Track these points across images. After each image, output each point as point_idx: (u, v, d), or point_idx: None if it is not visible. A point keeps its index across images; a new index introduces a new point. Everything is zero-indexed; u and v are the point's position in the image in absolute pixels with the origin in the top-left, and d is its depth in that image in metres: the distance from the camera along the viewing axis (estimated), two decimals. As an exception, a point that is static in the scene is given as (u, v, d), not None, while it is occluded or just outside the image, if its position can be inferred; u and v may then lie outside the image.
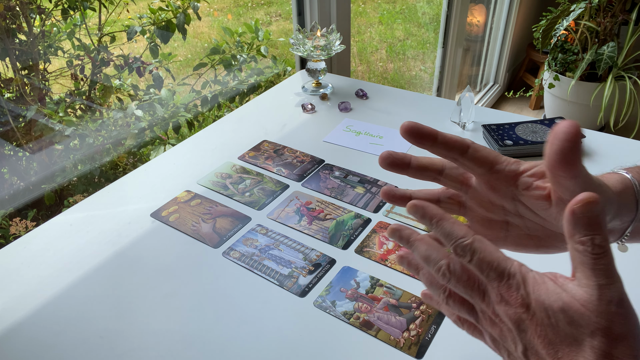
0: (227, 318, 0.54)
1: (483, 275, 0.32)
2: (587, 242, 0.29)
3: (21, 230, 1.17)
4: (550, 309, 0.30)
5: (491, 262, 0.32)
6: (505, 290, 0.32)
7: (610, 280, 0.30)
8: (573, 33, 2.19)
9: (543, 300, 0.30)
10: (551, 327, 0.30)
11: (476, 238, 0.32)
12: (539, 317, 0.30)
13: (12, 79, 1.23)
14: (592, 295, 0.29)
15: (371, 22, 2.84)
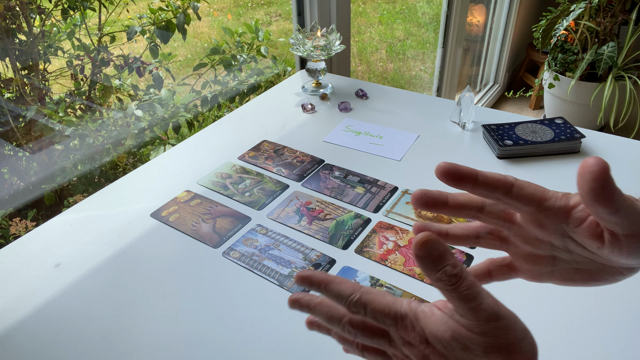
0: (227, 318, 0.54)
1: (380, 324, 0.33)
2: (442, 277, 0.30)
3: (21, 230, 1.17)
4: (443, 339, 0.31)
5: (382, 310, 0.33)
6: (403, 332, 0.32)
7: (478, 301, 0.30)
8: (573, 33, 2.19)
9: (435, 332, 0.31)
10: (451, 356, 0.31)
11: (362, 291, 0.33)
12: (439, 349, 0.31)
13: (12, 79, 1.23)
14: (471, 319, 0.30)
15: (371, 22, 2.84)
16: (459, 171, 0.34)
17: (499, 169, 0.78)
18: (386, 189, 0.74)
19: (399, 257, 0.61)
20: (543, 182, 0.74)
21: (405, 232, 0.66)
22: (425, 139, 0.87)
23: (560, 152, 0.81)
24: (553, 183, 0.74)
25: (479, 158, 0.81)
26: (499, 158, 0.80)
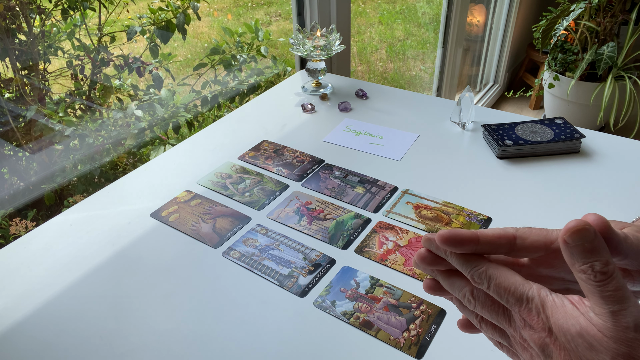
0: (227, 318, 0.54)
1: (503, 301, 0.32)
2: (587, 270, 0.29)
3: (21, 230, 1.17)
4: (569, 333, 0.30)
5: (508, 287, 0.32)
6: (526, 315, 0.31)
7: (623, 306, 0.29)
8: (573, 33, 2.19)
9: (561, 324, 0.30)
10: (573, 352, 0.30)
11: (490, 265, 0.32)
12: (561, 342, 0.30)
13: (12, 79, 1.23)
14: (607, 322, 0.29)
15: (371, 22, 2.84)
16: (460, 237, 0.34)
17: (499, 169, 0.78)
18: (386, 189, 0.74)
19: (399, 257, 0.61)
20: (543, 182, 0.74)
21: (405, 232, 0.66)
22: (425, 139, 0.87)
23: (560, 152, 0.81)
24: (553, 183, 0.74)
25: (479, 158, 0.81)
26: (499, 158, 0.80)
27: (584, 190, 0.72)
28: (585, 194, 0.71)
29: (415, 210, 0.70)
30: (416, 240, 0.64)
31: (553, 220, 0.66)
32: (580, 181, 0.74)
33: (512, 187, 0.74)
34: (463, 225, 0.66)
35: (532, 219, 0.67)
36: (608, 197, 0.71)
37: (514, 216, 0.68)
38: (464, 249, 0.34)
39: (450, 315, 0.54)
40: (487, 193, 0.72)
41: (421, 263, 0.35)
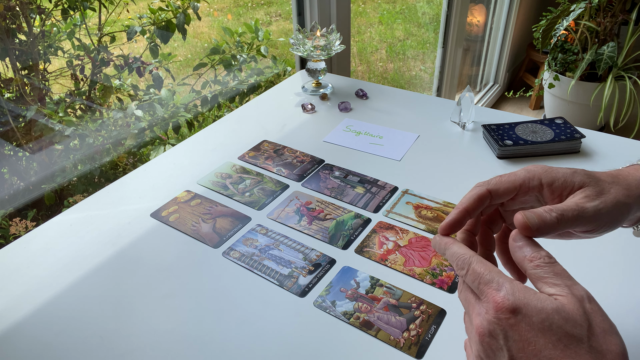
0: (227, 318, 0.54)
1: (474, 285, 0.35)
2: (536, 257, 0.34)
3: (21, 230, 1.17)
4: (544, 311, 0.31)
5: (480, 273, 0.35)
6: (492, 298, 0.33)
7: (573, 281, 0.33)
8: (573, 33, 2.19)
9: (535, 304, 0.32)
10: (543, 332, 0.31)
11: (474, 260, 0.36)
12: (530, 322, 0.31)
13: (12, 79, 1.23)
14: (567, 295, 0.32)
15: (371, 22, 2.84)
16: (452, 223, 0.40)
17: (499, 169, 0.78)
18: (386, 189, 0.74)
19: (399, 257, 0.61)
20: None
21: (405, 232, 0.66)
22: (425, 139, 0.87)
23: (560, 152, 0.81)
24: (553, 183, 0.74)
25: (479, 158, 0.81)
26: (499, 158, 0.80)
27: (584, 190, 0.72)
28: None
29: (416, 210, 0.70)
30: (416, 240, 0.64)
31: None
32: (580, 181, 0.74)
33: (512, 187, 0.74)
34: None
35: (532, 219, 0.67)
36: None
37: (514, 216, 0.68)
38: (461, 227, 0.40)
39: (450, 315, 0.54)
40: (487, 193, 0.72)
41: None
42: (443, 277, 0.58)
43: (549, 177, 0.40)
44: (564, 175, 0.40)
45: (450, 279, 0.58)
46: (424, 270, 0.59)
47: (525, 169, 0.42)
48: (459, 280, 0.39)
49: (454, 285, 0.57)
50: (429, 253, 0.62)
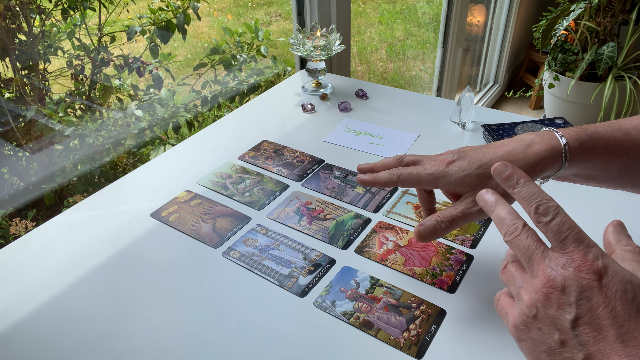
0: (227, 318, 0.54)
1: (561, 236, 0.34)
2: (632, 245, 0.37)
3: (21, 230, 1.17)
4: (630, 282, 0.31)
5: (572, 226, 0.34)
6: (580, 256, 0.33)
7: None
8: (573, 33, 2.19)
9: (623, 274, 0.32)
10: (623, 302, 0.31)
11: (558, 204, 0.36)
12: (613, 289, 0.31)
13: (12, 79, 1.23)
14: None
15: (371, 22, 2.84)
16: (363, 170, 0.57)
17: (499, 169, 0.78)
18: (386, 189, 0.74)
19: (399, 257, 0.61)
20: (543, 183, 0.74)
21: (405, 232, 0.66)
22: (425, 139, 0.87)
23: (560, 152, 0.81)
24: (553, 183, 0.74)
25: (479, 158, 0.81)
26: (499, 158, 0.80)
27: (584, 190, 0.72)
28: (586, 194, 0.71)
29: (415, 210, 0.70)
30: (416, 240, 0.64)
31: (553, 220, 0.66)
32: (580, 181, 0.74)
33: (512, 187, 0.74)
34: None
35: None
36: (608, 197, 0.71)
37: (514, 216, 0.68)
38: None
39: (451, 315, 0.54)
40: (487, 193, 0.72)
41: None
42: (443, 277, 0.58)
43: (444, 183, 0.51)
44: (455, 181, 0.50)
45: (450, 279, 0.58)
46: (424, 270, 0.59)
47: (431, 173, 0.51)
48: (519, 227, 0.38)
49: (453, 285, 0.58)
50: (429, 253, 0.62)
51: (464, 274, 0.59)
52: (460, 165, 0.50)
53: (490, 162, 0.48)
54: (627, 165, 0.49)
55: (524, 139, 0.49)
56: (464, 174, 0.49)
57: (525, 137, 0.49)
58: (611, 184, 0.51)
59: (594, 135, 0.48)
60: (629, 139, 0.48)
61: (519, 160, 0.47)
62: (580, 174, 0.50)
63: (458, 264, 0.60)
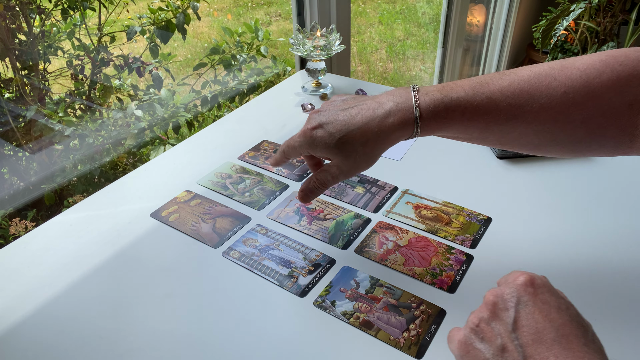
0: (227, 318, 0.54)
1: None
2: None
3: (21, 230, 1.17)
4: (562, 298, 0.38)
5: None
6: (518, 275, 0.39)
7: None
8: (573, 33, 2.19)
9: (556, 290, 0.38)
10: (557, 310, 0.36)
11: None
12: (548, 299, 0.37)
13: (12, 79, 1.23)
14: None
15: (371, 22, 2.84)
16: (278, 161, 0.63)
17: (499, 169, 0.78)
18: (386, 189, 0.74)
19: (399, 257, 0.61)
20: (542, 183, 0.74)
21: (405, 232, 0.66)
22: (425, 139, 0.87)
23: (560, 152, 0.81)
24: (553, 183, 0.74)
25: (479, 158, 0.81)
26: (499, 158, 0.80)
27: (584, 190, 0.72)
28: (586, 193, 0.71)
29: (415, 210, 0.70)
30: (416, 240, 0.64)
31: (553, 220, 0.66)
32: (581, 180, 0.74)
33: (512, 187, 0.74)
34: (463, 225, 0.66)
35: (532, 218, 0.67)
36: (609, 195, 0.71)
37: (514, 216, 0.68)
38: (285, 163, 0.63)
39: (451, 315, 0.54)
40: (487, 193, 0.72)
41: None
42: (443, 277, 0.58)
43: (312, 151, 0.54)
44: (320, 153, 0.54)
45: (450, 279, 0.58)
46: (424, 270, 0.59)
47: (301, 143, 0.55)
48: None
49: (453, 285, 0.58)
50: (429, 253, 0.62)
51: (464, 274, 0.59)
52: (321, 135, 0.52)
53: (349, 134, 0.51)
54: (487, 128, 0.49)
55: (383, 107, 0.50)
56: (325, 144, 0.52)
57: (384, 104, 0.50)
58: (476, 142, 0.53)
59: (451, 104, 0.49)
60: (489, 104, 0.48)
61: (374, 132, 0.50)
62: (439, 135, 0.52)
63: (458, 264, 0.60)
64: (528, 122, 0.48)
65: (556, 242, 0.63)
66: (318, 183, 0.57)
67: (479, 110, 0.48)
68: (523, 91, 0.48)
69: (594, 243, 0.63)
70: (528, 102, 0.47)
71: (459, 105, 0.48)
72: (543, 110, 0.47)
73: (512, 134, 0.49)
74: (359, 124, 0.51)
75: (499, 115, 0.48)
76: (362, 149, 0.51)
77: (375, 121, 0.50)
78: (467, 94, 0.49)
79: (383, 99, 0.51)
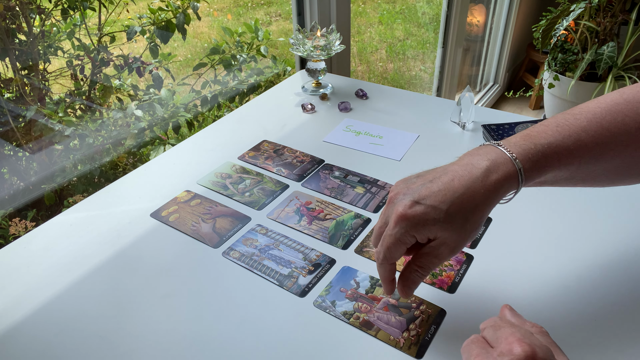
0: (227, 318, 0.54)
1: None
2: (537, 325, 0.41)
3: (20, 230, 1.17)
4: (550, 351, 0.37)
5: None
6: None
7: None
8: (573, 33, 2.19)
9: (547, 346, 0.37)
10: None
11: None
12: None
13: (12, 79, 1.23)
14: None
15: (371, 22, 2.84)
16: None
17: (499, 169, 0.78)
18: (386, 189, 0.74)
19: (399, 257, 0.61)
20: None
21: (405, 232, 0.66)
22: (425, 139, 0.87)
23: (560, 152, 0.81)
24: (553, 183, 0.74)
25: (479, 158, 0.81)
26: (499, 158, 0.80)
27: (584, 190, 0.72)
28: (586, 194, 0.71)
29: (415, 210, 0.70)
30: (416, 240, 0.64)
31: (553, 220, 0.66)
32: (580, 181, 0.74)
33: (512, 187, 0.74)
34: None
35: (531, 219, 0.67)
36: (609, 196, 0.71)
37: (513, 217, 0.68)
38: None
39: (451, 315, 0.54)
40: (487, 193, 0.72)
41: None
42: (443, 277, 0.58)
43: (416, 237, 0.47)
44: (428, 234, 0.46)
45: (450, 279, 0.58)
46: (423, 270, 0.59)
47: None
48: None
49: (453, 285, 0.58)
50: (429, 253, 0.62)
51: (464, 274, 0.59)
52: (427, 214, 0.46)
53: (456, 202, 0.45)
54: (578, 168, 0.49)
55: (478, 166, 0.46)
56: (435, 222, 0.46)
57: (477, 164, 0.47)
58: (563, 185, 0.52)
59: (546, 150, 0.47)
60: (580, 146, 0.48)
61: (480, 194, 0.45)
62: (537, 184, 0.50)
63: (458, 264, 0.60)
64: (613, 158, 0.49)
65: (556, 242, 0.63)
66: (422, 271, 0.48)
67: (572, 152, 0.48)
68: (603, 129, 0.48)
69: (594, 243, 0.63)
70: (611, 140, 0.48)
71: (555, 152, 0.47)
72: (623, 147, 0.48)
73: (597, 172, 0.50)
74: (461, 189, 0.45)
75: (589, 155, 0.48)
76: (471, 216, 0.45)
77: (478, 182, 0.46)
78: (557, 139, 0.48)
79: (471, 160, 0.48)
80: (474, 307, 0.55)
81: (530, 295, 0.56)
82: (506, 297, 0.56)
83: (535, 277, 0.58)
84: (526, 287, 0.57)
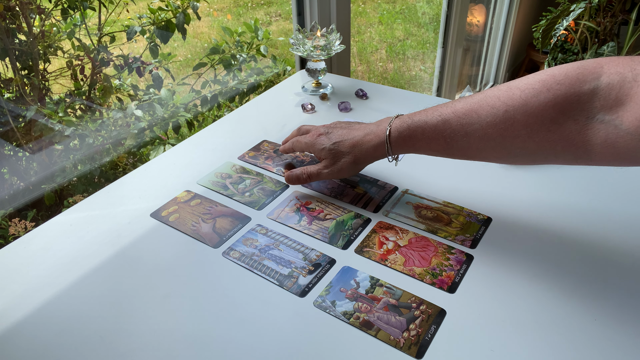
0: (227, 318, 0.54)
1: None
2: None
3: (20, 230, 1.17)
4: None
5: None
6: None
7: None
8: (573, 33, 2.19)
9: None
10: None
11: None
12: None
13: (12, 79, 1.23)
14: None
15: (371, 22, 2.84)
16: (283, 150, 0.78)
17: (499, 169, 0.78)
18: (386, 189, 0.74)
19: (399, 257, 0.61)
20: (542, 182, 0.74)
21: (405, 232, 0.66)
22: (425, 139, 0.87)
23: (560, 152, 0.81)
24: (553, 182, 0.74)
25: (479, 158, 0.81)
26: (499, 158, 0.80)
27: (584, 189, 0.72)
28: (586, 193, 0.71)
29: (415, 210, 0.70)
30: (416, 240, 0.64)
31: (553, 220, 0.66)
32: (581, 180, 0.74)
33: (512, 187, 0.74)
34: (463, 225, 0.66)
35: (532, 218, 0.67)
36: (609, 195, 0.71)
37: (514, 216, 0.68)
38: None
39: (451, 315, 0.54)
40: (487, 193, 0.73)
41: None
42: (443, 277, 0.58)
43: (312, 151, 0.70)
44: (316, 152, 0.69)
45: (450, 279, 0.58)
46: (424, 270, 0.60)
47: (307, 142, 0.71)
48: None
49: (453, 285, 0.58)
50: (429, 253, 0.62)
51: (464, 274, 0.59)
52: (322, 141, 0.68)
53: (341, 143, 0.67)
54: (448, 145, 0.57)
55: (368, 129, 0.65)
56: (322, 147, 0.68)
57: (370, 127, 0.66)
58: (448, 157, 0.61)
59: (412, 125, 0.59)
60: (443, 124, 0.57)
61: (357, 146, 0.66)
62: (413, 152, 0.62)
63: (458, 264, 0.60)
64: (480, 137, 0.55)
65: (556, 242, 0.63)
66: (306, 175, 0.71)
67: (436, 129, 0.57)
68: (471, 110, 0.55)
69: (594, 242, 0.63)
70: (476, 120, 0.54)
71: (419, 127, 0.59)
72: (489, 126, 0.54)
73: (471, 150, 0.57)
74: (350, 138, 0.67)
75: (453, 133, 0.56)
76: (346, 157, 0.66)
77: (359, 138, 0.66)
78: (427, 117, 0.58)
79: (372, 124, 0.66)
80: (474, 307, 0.55)
81: (530, 295, 0.56)
82: (506, 297, 0.56)
83: (535, 277, 0.58)
84: (526, 287, 0.57)
